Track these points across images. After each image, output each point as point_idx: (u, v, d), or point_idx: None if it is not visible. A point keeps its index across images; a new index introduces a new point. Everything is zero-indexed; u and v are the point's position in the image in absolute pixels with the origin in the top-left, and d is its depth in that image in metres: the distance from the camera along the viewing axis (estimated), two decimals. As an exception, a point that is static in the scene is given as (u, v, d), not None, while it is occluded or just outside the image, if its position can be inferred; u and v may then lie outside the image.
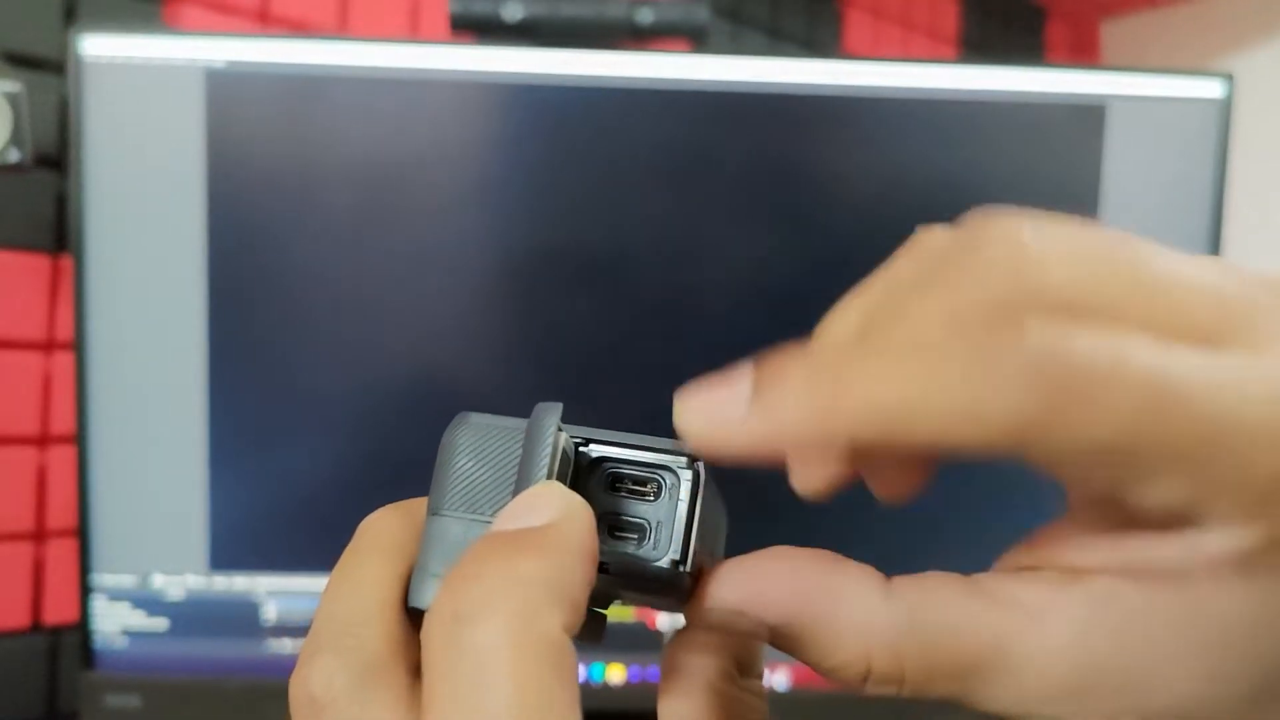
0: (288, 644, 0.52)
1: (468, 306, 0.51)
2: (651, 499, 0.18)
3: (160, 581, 0.51)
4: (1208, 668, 0.15)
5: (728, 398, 0.16)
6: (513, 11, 0.52)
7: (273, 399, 0.51)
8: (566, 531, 0.15)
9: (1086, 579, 0.16)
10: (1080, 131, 0.52)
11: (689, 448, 0.18)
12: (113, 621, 0.51)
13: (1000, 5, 0.95)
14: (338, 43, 0.49)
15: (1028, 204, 0.16)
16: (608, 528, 0.18)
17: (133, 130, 0.49)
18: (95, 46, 0.48)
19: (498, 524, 0.16)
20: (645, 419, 0.19)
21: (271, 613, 0.52)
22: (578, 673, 0.14)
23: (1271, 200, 0.82)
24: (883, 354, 0.15)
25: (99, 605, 0.51)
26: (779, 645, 0.17)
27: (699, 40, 0.54)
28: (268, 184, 0.50)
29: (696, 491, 0.18)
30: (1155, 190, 0.53)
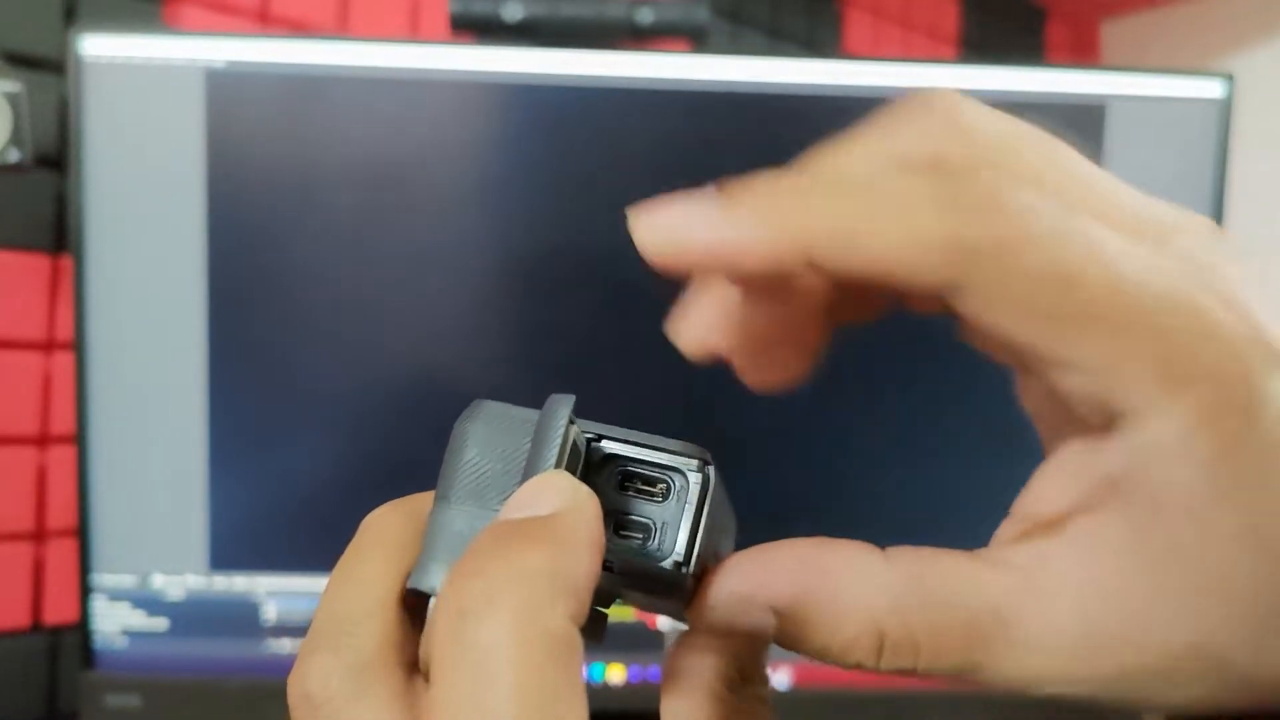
0: (287, 644, 0.52)
1: (467, 306, 0.51)
2: (660, 500, 0.18)
3: (160, 581, 0.51)
4: (1199, 601, 0.15)
5: (692, 209, 0.16)
6: (513, 11, 0.52)
7: (273, 399, 0.51)
8: (572, 522, 0.15)
9: (1065, 525, 0.16)
10: (1080, 131, 0.52)
11: (700, 450, 0.18)
12: (113, 621, 0.51)
13: (1000, 5, 0.95)
14: (338, 43, 0.49)
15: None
16: (613, 526, 0.18)
17: (133, 130, 0.49)
18: (95, 46, 0.48)
19: (504, 513, 0.16)
20: (645, 419, 0.19)
21: (271, 613, 0.52)
22: (583, 664, 0.14)
23: (1271, 200, 0.82)
24: (839, 185, 0.16)
25: (99, 605, 0.51)
26: (787, 638, 0.17)
27: (699, 40, 0.54)
28: (268, 184, 0.50)
29: (705, 494, 0.18)
30: (1155, 190, 0.52)
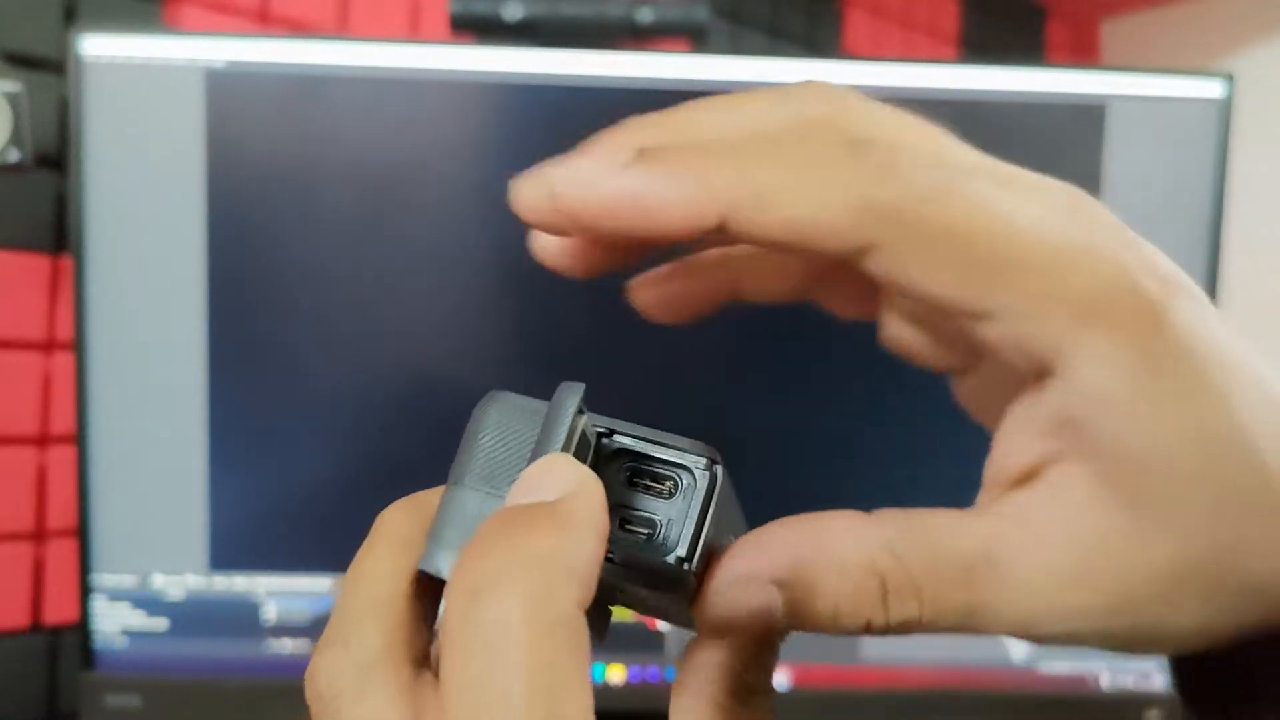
0: (288, 644, 0.52)
1: (467, 307, 0.51)
2: (666, 496, 0.18)
3: (160, 581, 0.51)
4: (1170, 515, 0.15)
5: (604, 160, 0.16)
6: (513, 11, 0.52)
7: (273, 399, 0.51)
8: (579, 507, 0.16)
9: (1038, 475, 0.17)
10: (1080, 131, 0.52)
11: (708, 449, 0.18)
12: (113, 621, 0.51)
13: (1000, 5, 0.95)
14: (338, 43, 0.49)
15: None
16: (619, 520, 0.18)
17: (133, 130, 0.49)
18: (95, 46, 0.48)
19: (512, 496, 0.16)
20: (645, 418, 0.19)
21: (271, 613, 0.52)
22: (590, 648, 0.15)
23: (1271, 200, 0.82)
24: (753, 149, 0.16)
25: (99, 605, 0.51)
26: (794, 611, 0.17)
27: (699, 40, 0.54)
28: (267, 184, 0.50)
29: (712, 493, 0.18)
30: (1155, 190, 0.53)
